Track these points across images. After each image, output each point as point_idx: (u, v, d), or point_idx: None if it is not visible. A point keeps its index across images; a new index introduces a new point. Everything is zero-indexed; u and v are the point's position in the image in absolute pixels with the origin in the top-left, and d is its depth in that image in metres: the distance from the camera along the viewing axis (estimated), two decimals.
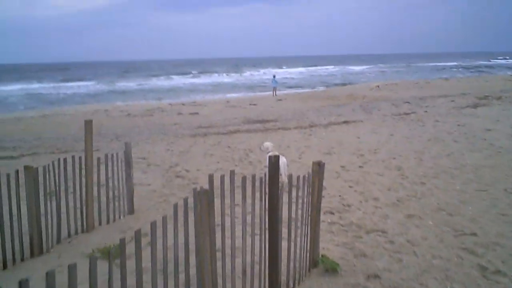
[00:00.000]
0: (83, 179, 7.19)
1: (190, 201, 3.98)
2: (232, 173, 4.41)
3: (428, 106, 23.41)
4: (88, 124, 7.21)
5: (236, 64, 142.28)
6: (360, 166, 10.91)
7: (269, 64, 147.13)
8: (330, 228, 7.12)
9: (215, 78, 79.34)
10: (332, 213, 7.80)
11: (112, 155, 7.83)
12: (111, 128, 22.52)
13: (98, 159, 7.55)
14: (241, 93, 47.43)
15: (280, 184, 9.30)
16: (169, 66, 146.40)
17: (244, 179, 4.48)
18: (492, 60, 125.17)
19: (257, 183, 4.60)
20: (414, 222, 7.24)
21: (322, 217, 7.12)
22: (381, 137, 14.66)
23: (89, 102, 40.75)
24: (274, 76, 40.62)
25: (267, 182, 4.68)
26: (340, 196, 8.72)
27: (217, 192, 4.19)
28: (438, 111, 20.75)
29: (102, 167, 7.59)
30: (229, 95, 44.70)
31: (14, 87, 57.16)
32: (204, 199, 3.88)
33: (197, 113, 28.42)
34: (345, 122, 19.37)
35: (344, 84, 57.04)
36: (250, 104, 32.47)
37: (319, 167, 5.55)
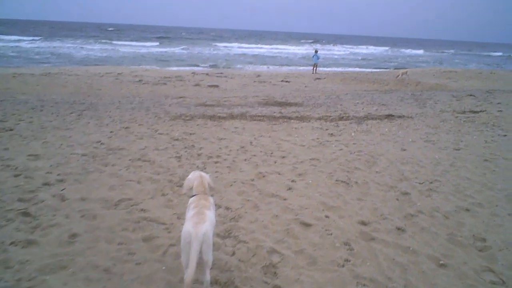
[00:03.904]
0: None
1: None
2: None
3: (501, 104, 16.54)
4: None
5: (304, 40, 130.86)
6: (399, 232, 4.96)
7: (340, 41, 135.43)
8: None
9: (265, 49, 72.26)
10: None
11: None
12: (101, 95, 17.39)
13: None
14: (282, 67, 41.08)
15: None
16: (229, 34, 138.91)
17: None
18: None
19: None
20: None
21: None
22: (441, 153, 8.51)
23: (121, 63, 35.93)
24: (316, 51, 33.77)
25: None
26: None
27: None
28: None
29: None
30: (264, 68, 38.55)
31: (50, 44, 53.10)
32: None
33: (216, 86, 22.81)
34: (389, 116, 13.20)
35: (400, 68, 49.11)
36: (282, 81, 26.36)
37: None
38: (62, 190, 5.60)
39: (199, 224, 3.46)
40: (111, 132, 9.36)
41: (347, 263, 4.19)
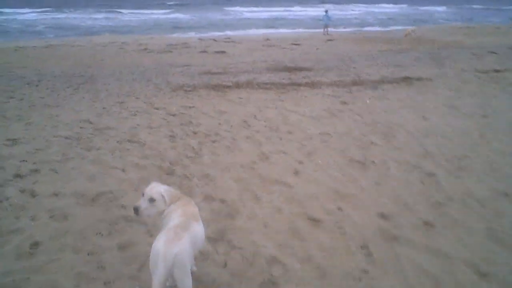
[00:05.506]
0: None
1: None
2: None
3: None
4: None
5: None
6: (427, 228, 4.08)
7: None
8: None
9: (275, 11, 69.20)
10: None
11: None
12: (103, 66, 16.46)
13: None
14: (292, 29, 39.27)
15: None
16: None
17: None
18: None
19: None
20: None
21: None
22: (467, 121, 7.49)
23: (127, 32, 34.75)
24: (326, 11, 31.92)
25: None
26: None
27: None
28: None
29: None
30: (274, 31, 36.88)
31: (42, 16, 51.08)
32: None
33: (223, 52, 21.66)
34: (405, 79, 12.07)
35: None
36: (292, 44, 25.00)
37: None
38: (34, 184, 4.80)
39: (172, 241, 2.63)
40: (103, 108, 8.50)
41: (365, 275, 3.34)
